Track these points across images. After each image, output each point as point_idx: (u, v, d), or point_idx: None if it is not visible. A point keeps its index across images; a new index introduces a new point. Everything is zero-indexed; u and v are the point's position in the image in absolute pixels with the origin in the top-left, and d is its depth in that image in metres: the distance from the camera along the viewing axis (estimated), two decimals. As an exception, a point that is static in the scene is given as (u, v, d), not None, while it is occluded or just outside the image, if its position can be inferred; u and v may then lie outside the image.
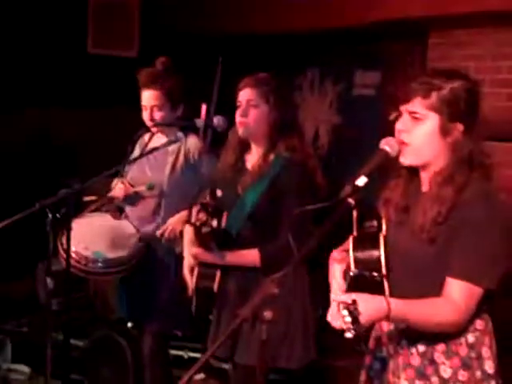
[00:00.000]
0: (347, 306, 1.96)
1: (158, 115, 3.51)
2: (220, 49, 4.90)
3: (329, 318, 2.14)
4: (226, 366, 3.46)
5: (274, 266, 2.63)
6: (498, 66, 4.15)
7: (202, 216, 2.92)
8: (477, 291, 2.09)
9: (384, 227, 2.25)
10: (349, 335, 1.95)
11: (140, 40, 5.95)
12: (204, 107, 3.31)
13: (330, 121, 5.27)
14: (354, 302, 1.97)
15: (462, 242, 2.08)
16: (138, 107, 3.58)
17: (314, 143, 5.26)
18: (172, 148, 3.51)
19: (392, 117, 2.23)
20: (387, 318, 2.07)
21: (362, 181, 2.08)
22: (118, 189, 3.62)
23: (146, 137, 3.66)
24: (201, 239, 2.94)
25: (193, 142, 3.51)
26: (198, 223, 2.93)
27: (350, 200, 2.06)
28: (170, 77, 3.52)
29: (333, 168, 4.31)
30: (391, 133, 2.21)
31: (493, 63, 4.16)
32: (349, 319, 1.94)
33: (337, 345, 3.48)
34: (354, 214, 2.20)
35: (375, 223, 2.27)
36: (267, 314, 1.90)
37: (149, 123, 3.55)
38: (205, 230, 2.92)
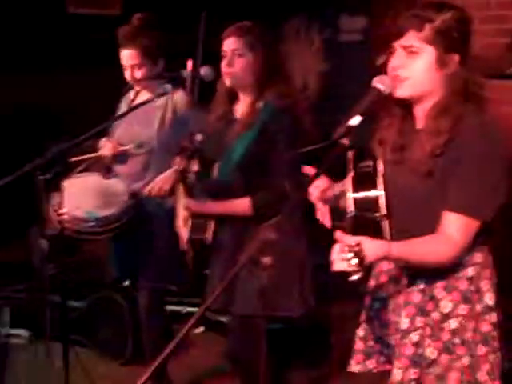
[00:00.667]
0: (352, 249, 1.94)
1: (138, 74, 3.46)
2: (203, 4, 4.82)
3: (333, 261, 2.11)
4: (224, 319, 3.46)
5: (266, 213, 2.66)
6: (487, 2, 4.08)
7: (183, 162, 2.90)
8: (473, 224, 2.08)
9: (381, 167, 2.22)
10: (355, 277, 1.93)
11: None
12: (190, 61, 3.27)
13: (318, 68, 5.20)
14: (359, 244, 1.95)
15: (459, 176, 2.06)
16: (119, 66, 3.51)
17: (303, 91, 5.20)
18: (160, 103, 3.46)
19: (380, 61, 2.19)
20: (387, 258, 2.07)
21: (355, 120, 2.03)
22: (105, 148, 3.59)
23: (132, 93, 3.62)
24: (187, 187, 2.92)
25: (180, 96, 3.47)
26: (180, 170, 2.91)
27: (345, 140, 2.02)
28: (147, 33, 3.45)
29: (323, 115, 4.28)
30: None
31: (481, -1, 4.08)
32: (355, 261, 1.92)
33: (334, 291, 3.48)
34: (350, 154, 2.17)
35: (371, 163, 2.23)
36: (266, 260, 1.87)
37: (132, 82, 3.51)
38: (189, 176, 2.91)
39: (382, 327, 2.31)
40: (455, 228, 2.06)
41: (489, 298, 2.17)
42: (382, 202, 2.15)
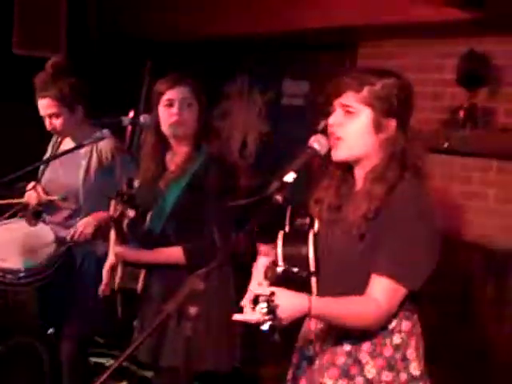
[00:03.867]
0: (265, 298, 1.92)
1: (57, 123, 3.41)
2: (148, 54, 4.86)
3: (245, 312, 2.08)
4: (150, 374, 3.37)
5: (198, 263, 2.62)
6: (424, 78, 4.20)
7: (119, 207, 2.87)
8: (399, 290, 2.09)
9: (316, 225, 2.23)
10: (265, 327, 1.91)
11: (67, 42, 5.80)
12: (132, 112, 3.27)
13: (259, 129, 5.25)
14: (272, 293, 1.93)
15: (389, 241, 2.07)
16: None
17: (242, 151, 5.23)
18: (84, 151, 3.43)
19: (320, 126, 2.22)
20: (307, 313, 2.04)
21: (289, 177, 2.06)
22: (31, 196, 3.53)
23: (58, 137, 3.58)
24: (120, 234, 2.89)
25: (105, 144, 3.43)
26: (116, 216, 2.88)
27: (278, 196, 2.03)
28: (61, 81, 3.39)
29: (260, 174, 4.31)
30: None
31: (419, 75, 4.20)
32: (265, 310, 1.90)
33: (263, 352, 3.44)
34: (288, 210, 2.18)
35: (307, 221, 2.25)
36: (192, 310, 1.85)
37: (53, 132, 3.48)
38: (124, 223, 2.88)
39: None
40: (382, 292, 2.07)
41: (414, 368, 2.16)
42: (311, 258, 2.15)
